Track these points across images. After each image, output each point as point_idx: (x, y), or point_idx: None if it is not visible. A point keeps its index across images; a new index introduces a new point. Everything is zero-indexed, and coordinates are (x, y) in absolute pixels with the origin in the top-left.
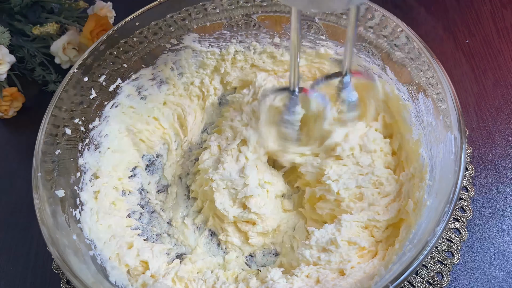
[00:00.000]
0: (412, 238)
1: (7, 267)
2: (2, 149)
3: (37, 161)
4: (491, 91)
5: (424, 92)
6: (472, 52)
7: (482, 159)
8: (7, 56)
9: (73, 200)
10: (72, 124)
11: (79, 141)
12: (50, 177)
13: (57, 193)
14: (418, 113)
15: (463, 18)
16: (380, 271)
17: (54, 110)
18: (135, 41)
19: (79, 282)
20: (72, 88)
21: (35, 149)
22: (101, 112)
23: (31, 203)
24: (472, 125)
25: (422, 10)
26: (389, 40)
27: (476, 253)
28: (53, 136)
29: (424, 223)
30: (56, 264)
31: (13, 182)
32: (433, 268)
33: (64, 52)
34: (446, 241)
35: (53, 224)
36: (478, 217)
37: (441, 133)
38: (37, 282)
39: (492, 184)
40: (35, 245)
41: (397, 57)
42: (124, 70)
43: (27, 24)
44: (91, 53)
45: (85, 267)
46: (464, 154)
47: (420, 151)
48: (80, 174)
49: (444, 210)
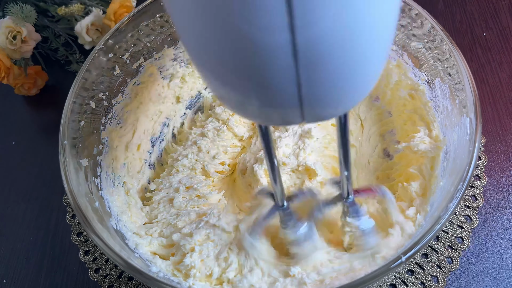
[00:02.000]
0: (425, 215)
1: (27, 237)
2: (25, 126)
3: (64, 130)
4: (507, 84)
5: (441, 78)
6: (489, 45)
7: (495, 149)
8: (33, 33)
9: (95, 170)
10: (96, 98)
11: (102, 115)
12: (75, 146)
13: (81, 161)
14: (434, 98)
15: (480, 11)
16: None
17: (81, 82)
18: (156, 25)
19: (105, 246)
20: (96, 65)
21: (62, 118)
22: (124, 88)
23: (52, 177)
24: (487, 116)
25: (440, 2)
26: (407, 29)
27: (486, 239)
28: (79, 106)
29: (437, 201)
30: (75, 235)
31: (35, 157)
32: (443, 252)
33: (87, 33)
34: (457, 227)
35: (78, 190)
36: (489, 205)
37: (457, 117)
38: (56, 252)
39: (505, 173)
40: (55, 217)
41: (412, 48)
42: (148, 49)
43: (52, 4)
44: (113, 34)
45: (107, 233)
46: (480, 135)
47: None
48: (102, 147)
49: (458, 188)
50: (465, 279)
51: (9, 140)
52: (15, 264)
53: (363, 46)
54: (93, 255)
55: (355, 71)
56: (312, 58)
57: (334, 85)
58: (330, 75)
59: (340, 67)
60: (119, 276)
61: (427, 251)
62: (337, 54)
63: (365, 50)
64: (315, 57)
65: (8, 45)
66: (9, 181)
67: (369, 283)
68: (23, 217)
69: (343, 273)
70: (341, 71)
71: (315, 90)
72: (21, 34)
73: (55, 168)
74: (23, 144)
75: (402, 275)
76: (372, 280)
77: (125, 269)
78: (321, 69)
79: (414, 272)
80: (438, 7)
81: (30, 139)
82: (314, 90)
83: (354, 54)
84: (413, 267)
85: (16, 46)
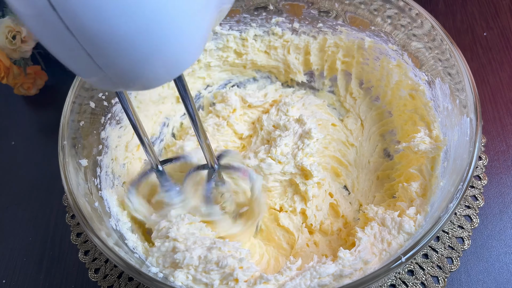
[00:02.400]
0: (425, 215)
1: (27, 237)
2: (25, 126)
3: (63, 130)
4: (507, 84)
5: (441, 78)
6: (490, 44)
7: (495, 149)
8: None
9: (94, 170)
10: (96, 98)
11: (102, 115)
12: (75, 146)
13: (81, 162)
14: (434, 98)
15: (481, 11)
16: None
17: (80, 82)
18: None
19: (105, 246)
20: None
21: (61, 118)
22: None
23: (51, 177)
24: (488, 116)
25: (440, 2)
26: (407, 29)
27: (487, 240)
28: (79, 106)
29: (438, 201)
30: (75, 235)
31: (35, 158)
32: (443, 253)
33: None
34: (457, 227)
35: (77, 191)
36: (489, 205)
37: (457, 117)
38: (55, 252)
39: (505, 174)
40: (54, 217)
41: (412, 47)
42: None
43: None
44: None
45: (107, 233)
46: (480, 135)
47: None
48: (102, 147)
49: (458, 188)
50: (465, 279)
51: (9, 140)
52: (14, 264)
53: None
54: (93, 256)
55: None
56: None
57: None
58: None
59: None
60: (119, 276)
61: (428, 251)
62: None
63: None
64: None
65: (7, 45)
66: (8, 181)
67: (369, 284)
68: (22, 217)
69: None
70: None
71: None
72: (21, 34)
73: (55, 168)
74: (23, 144)
75: (402, 275)
76: (372, 280)
77: (125, 270)
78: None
79: (414, 273)
80: (439, 7)
81: (30, 139)
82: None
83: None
84: (414, 268)
85: (15, 46)
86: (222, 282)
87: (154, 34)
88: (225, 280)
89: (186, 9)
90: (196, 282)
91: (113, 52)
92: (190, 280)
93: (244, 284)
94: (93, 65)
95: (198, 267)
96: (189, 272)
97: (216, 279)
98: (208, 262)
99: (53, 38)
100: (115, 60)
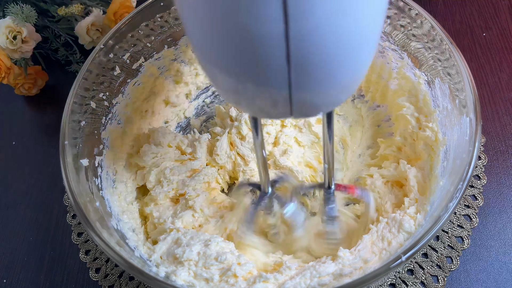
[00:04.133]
0: (425, 215)
1: (28, 237)
2: (26, 126)
3: (64, 130)
4: (507, 84)
5: (441, 78)
6: (489, 45)
7: (495, 149)
8: (33, 34)
9: (95, 170)
10: (97, 98)
11: (103, 115)
12: (75, 146)
13: (82, 161)
14: (434, 98)
15: (480, 11)
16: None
17: (81, 82)
18: (156, 25)
19: (106, 246)
20: (97, 64)
21: (62, 118)
22: (124, 88)
23: (52, 177)
24: (487, 116)
25: (440, 2)
26: (407, 29)
27: (486, 239)
28: (80, 106)
29: (437, 201)
30: (76, 235)
31: (36, 157)
32: (443, 252)
33: (88, 33)
34: (457, 227)
35: (78, 190)
36: (489, 205)
37: (456, 117)
38: (56, 252)
39: (505, 173)
40: (56, 217)
41: (412, 48)
42: (148, 49)
43: (53, 5)
44: (113, 35)
45: (108, 233)
46: (479, 135)
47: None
48: (102, 147)
49: (458, 187)
50: (465, 278)
51: (9, 140)
52: (15, 264)
53: (352, 41)
54: (94, 255)
55: (343, 65)
56: (303, 50)
57: (322, 76)
58: (318, 67)
59: (328, 59)
60: (120, 276)
61: (427, 250)
62: (326, 47)
63: (353, 43)
64: (306, 48)
65: (8, 45)
66: (9, 181)
67: (369, 283)
68: (23, 217)
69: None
70: (329, 64)
71: (304, 79)
72: (21, 34)
73: (56, 168)
74: (24, 144)
75: (402, 274)
76: (372, 279)
77: (126, 269)
78: (310, 61)
79: (414, 272)
80: (438, 7)
81: (31, 139)
82: (303, 79)
83: (342, 49)
84: (413, 267)
85: (16, 46)
86: (221, 277)
87: (357, 58)
88: (224, 275)
89: (379, 30)
90: (197, 278)
91: (316, 81)
92: (192, 276)
93: (243, 283)
94: (284, 93)
95: (198, 262)
96: (190, 268)
97: (215, 274)
98: (207, 257)
99: (256, 61)
100: (314, 88)
